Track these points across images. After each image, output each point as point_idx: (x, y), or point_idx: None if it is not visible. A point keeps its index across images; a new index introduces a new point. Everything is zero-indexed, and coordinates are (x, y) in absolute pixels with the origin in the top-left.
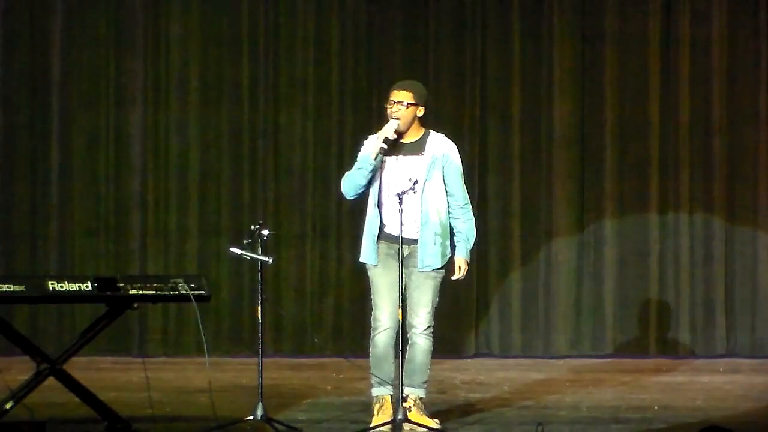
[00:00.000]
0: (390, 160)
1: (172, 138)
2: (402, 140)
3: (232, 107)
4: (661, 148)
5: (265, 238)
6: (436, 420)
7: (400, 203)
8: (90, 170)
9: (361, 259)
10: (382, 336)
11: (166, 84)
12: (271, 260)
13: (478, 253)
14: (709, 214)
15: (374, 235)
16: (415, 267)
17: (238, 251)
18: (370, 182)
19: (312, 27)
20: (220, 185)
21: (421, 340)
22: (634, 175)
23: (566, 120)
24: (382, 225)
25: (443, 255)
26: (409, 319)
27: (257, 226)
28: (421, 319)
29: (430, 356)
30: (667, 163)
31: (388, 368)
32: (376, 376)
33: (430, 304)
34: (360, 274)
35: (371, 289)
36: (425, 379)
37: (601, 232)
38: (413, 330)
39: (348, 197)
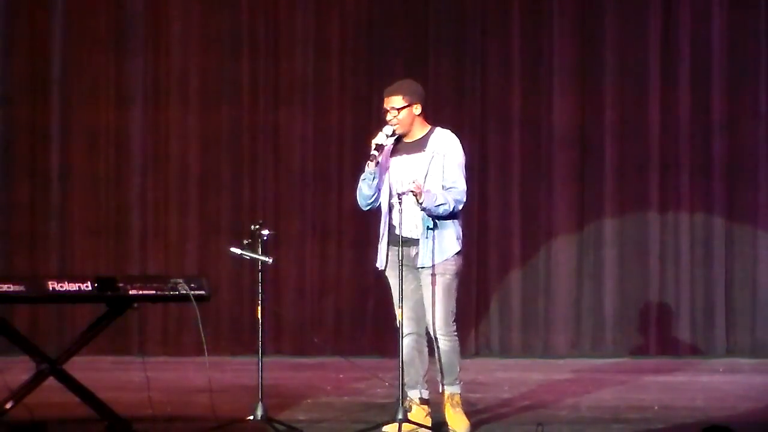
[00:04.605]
0: (395, 161)
1: (172, 138)
2: (405, 139)
3: (232, 107)
4: (661, 148)
5: (265, 238)
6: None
7: (400, 203)
8: (90, 170)
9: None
10: (406, 340)
11: (166, 84)
12: (271, 260)
13: (478, 253)
14: (709, 214)
15: (385, 241)
16: (420, 266)
17: (238, 251)
18: (379, 188)
19: (312, 27)
20: (220, 185)
21: (440, 341)
22: (634, 175)
23: (566, 120)
24: (391, 228)
25: (442, 250)
26: (427, 320)
27: (257, 226)
28: (435, 318)
29: (454, 355)
30: (667, 163)
31: (415, 372)
32: (405, 379)
33: (440, 303)
34: (359, 273)
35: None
36: (455, 376)
37: (601, 232)
38: (432, 331)
39: (363, 209)
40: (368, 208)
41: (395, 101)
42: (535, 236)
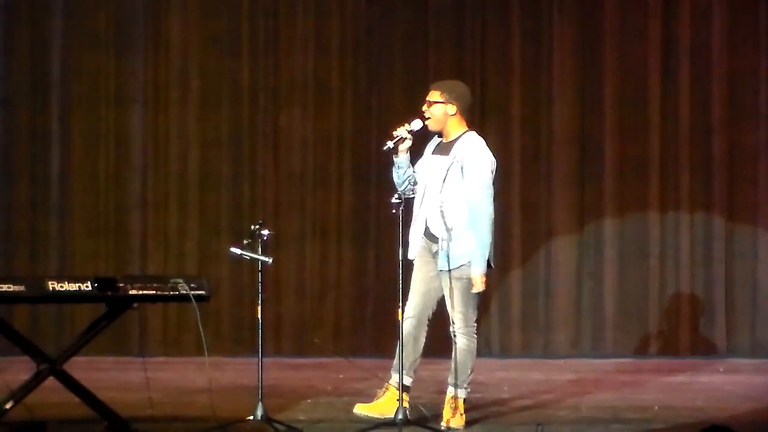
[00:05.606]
0: (431, 159)
1: (172, 138)
2: (443, 139)
3: (232, 107)
4: (661, 148)
5: (265, 238)
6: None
7: (399, 203)
8: (90, 170)
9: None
10: (405, 324)
11: (166, 84)
12: (271, 260)
13: None
14: (709, 214)
15: (419, 233)
16: (439, 268)
17: (238, 251)
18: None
19: (312, 27)
20: (219, 185)
21: (457, 339)
22: (634, 175)
23: (566, 120)
24: (425, 222)
25: (461, 255)
26: (450, 318)
27: (257, 226)
28: (454, 317)
29: (469, 356)
30: (667, 163)
31: (407, 354)
32: (395, 362)
33: (460, 304)
34: (359, 273)
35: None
36: (464, 379)
37: (601, 232)
38: (451, 327)
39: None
40: (405, 192)
41: (433, 95)
42: (535, 236)
